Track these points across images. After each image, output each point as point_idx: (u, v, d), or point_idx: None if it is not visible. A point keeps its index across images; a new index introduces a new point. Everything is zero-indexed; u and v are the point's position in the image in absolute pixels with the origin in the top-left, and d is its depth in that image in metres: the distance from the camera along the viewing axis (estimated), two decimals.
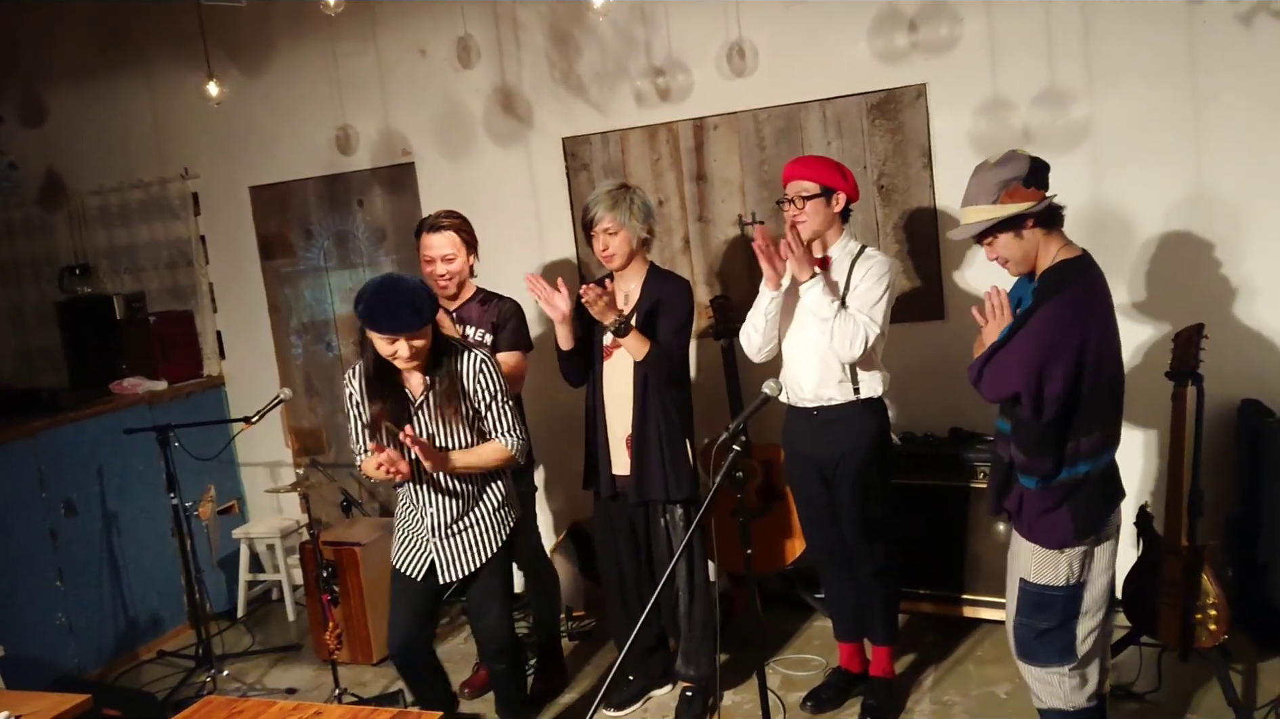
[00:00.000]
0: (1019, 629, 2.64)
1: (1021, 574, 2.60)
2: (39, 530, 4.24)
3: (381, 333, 2.81)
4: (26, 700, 2.62)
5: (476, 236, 3.67)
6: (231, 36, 4.84)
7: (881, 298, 3.13)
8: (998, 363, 2.50)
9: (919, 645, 3.84)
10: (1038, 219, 2.53)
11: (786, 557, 4.05)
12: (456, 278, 3.60)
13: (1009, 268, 2.62)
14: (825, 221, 3.20)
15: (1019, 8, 3.72)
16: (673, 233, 4.35)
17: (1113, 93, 3.67)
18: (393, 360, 2.87)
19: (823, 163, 3.22)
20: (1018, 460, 2.55)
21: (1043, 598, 2.58)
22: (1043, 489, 2.53)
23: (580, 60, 4.39)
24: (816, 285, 3.10)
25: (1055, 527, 2.53)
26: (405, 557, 3.10)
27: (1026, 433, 2.51)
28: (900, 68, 3.92)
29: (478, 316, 3.64)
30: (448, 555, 3.05)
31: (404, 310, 2.80)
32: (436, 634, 4.45)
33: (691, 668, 3.50)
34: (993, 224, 2.53)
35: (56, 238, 5.47)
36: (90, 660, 4.39)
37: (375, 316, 2.81)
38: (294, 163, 4.94)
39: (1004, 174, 2.55)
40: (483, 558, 3.06)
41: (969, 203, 2.60)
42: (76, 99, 5.29)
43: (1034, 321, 2.46)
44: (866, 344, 3.09)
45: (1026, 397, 2.45)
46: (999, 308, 2.60)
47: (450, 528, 3.03)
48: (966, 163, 3.81)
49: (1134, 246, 3.69)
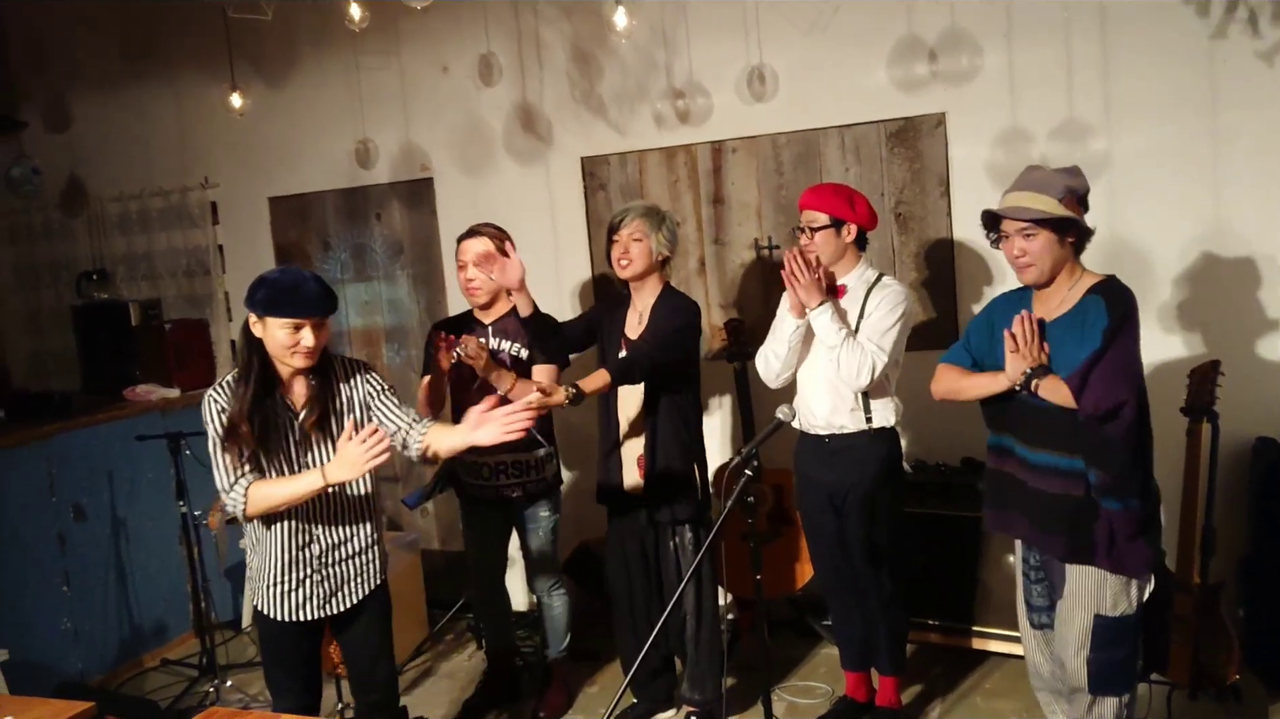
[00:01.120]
0: (1096, 665, 2.62)
1: (1096, 610, 2.58)
2: (47, 534, 4.24)
3: (291, 316, 2.60)
4: (30, 706, 2.61)
5: (513, 247, 3.58)
6: (256, 48, 4.89)
7: (893, 327, 3.12)
8: (1102, 375, 2.46)
9: (926, 676, 3.81)
10: (1082, 236, 2.58)
11: (795, 582, 4.04)
12: (485, 286, 3.54)
13: (1028, 272, 2.61)
14: (836, 252, 3.19)
15: (1039, 40, 3.74)
16: (688, 254, 4.36)
17: (1131, 127, 3.68)
18: (292, 354, 2.64)
19: (835, 193, 3.21)
20: (1103, 483, 2.52)
21: (1121, 629, 2.59)
22: (1127, 510, 2.52)
23: (601, 81, 4.41)
24: (825, 313, 3.09)
25: (1140, 553, 2.54)
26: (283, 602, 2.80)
27: (1114, 451, 2.50)
28: (920, 96, 3.93)
29: (514, 331, 3.58)
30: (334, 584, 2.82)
31: (313, 288, 2.64)
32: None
33: (697, 692, 3.48)
34: (1050, 218, 2.53)
35: (76, 242, 5.51)
36: (94, 666, 4.38)
37: (283, 299, 2.61)
38: (313, 175, 4.98)
39: (1071, 181, 2.58)
40: (369, 587, 2.88)
41: (1028, 188, 2.59)
42: (101, 106, 5.34)
43: (1129, 331, 2.48)
44: (874, 373, 3.08)
45: (1130, 409, 2.45)
46: (1031, 334, 2.58)
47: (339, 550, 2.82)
48: (984, 192, 3.87)
49: (1150, 281, 3.68)
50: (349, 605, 2.85)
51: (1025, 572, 2.83)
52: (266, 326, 2.64)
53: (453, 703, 3.98)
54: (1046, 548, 2.69)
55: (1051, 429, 2.59)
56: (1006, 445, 2.74)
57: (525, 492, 3.62)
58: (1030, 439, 2.66)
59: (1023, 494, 2.69)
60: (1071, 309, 2.59)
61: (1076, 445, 2.56)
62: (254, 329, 2.67)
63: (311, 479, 2.63)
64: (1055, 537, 2.64)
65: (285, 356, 2.66)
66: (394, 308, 4.98)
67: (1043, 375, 2.56)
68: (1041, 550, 2.72)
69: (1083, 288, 2.60)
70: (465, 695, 3.95)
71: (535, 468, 3.60)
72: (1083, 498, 2.54)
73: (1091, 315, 2.54)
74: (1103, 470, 2.52)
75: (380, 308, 5.01)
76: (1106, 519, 2.53)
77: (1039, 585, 2.79)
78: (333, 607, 2.83)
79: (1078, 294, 2.60)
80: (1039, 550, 2.73)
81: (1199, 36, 3.55)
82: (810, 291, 3.09)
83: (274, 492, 2.64)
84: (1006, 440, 2.74)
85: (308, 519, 2.77)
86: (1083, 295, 2.58)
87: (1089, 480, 2.54)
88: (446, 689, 4.13)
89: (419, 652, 4.46)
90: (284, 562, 2.77)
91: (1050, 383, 2.54)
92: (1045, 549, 2.70)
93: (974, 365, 2.81)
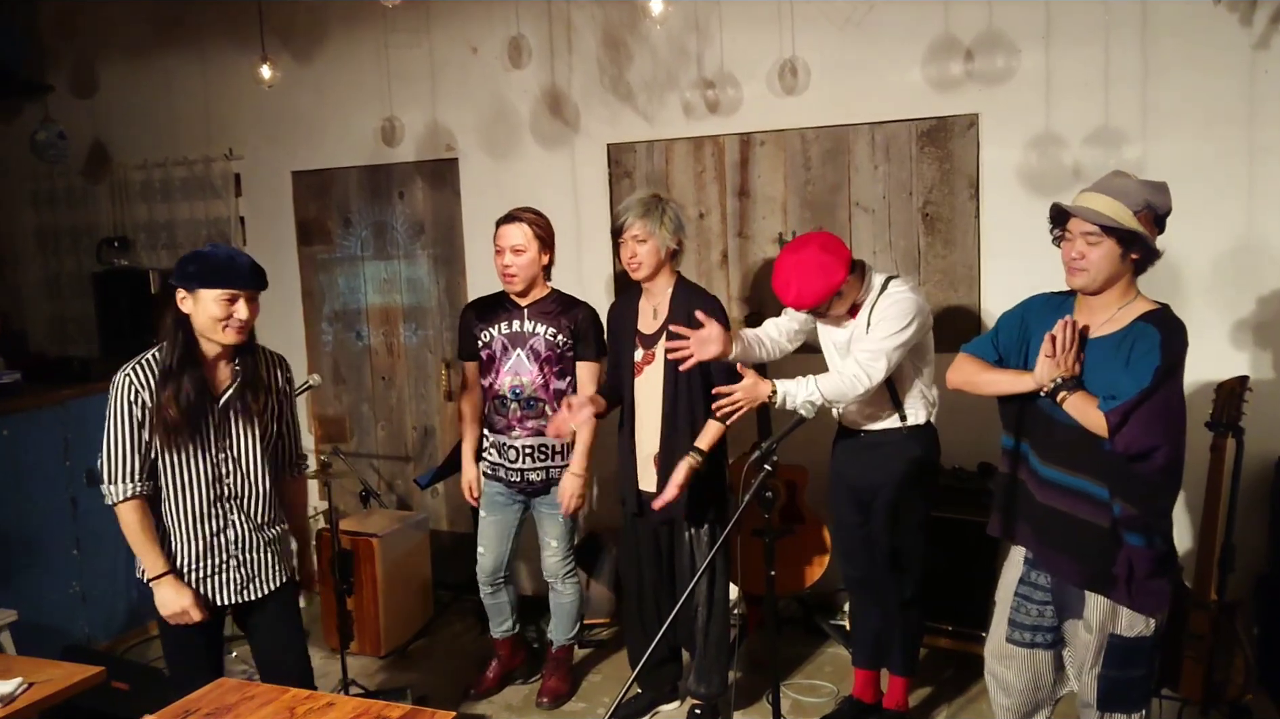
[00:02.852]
0: (1106, 683, 2.54)
1: (1111, 630, 2.50)
2: (60, 498, 4.25)
3: (227, 287, 2.59)
4: (40, 668, 2.62)
5: (553, 234, 3.58)
6: (286, 22, 4.87)
7: (893, 333, 2.99)
8: (1144, 417, 2.33)
9: (936, 680, 3.79)
10: (1146, 257, 2.44)
11: (804, 580, 4.01)
12: (524, 272, 3.50)
13: (1079, 275, 2.46)
14: (846, 301, 3.09)
15: (1077, 44, 3.69)
16: (711, 247, 4.33)
17: (1167, 137, 3.63)
18: (224, 329, 2.62)
19: (821, 280, 2.99)
20: (1127, 515, 2.43)
21: (1136, 649, 2.51)
22: (1150, 547, 2.44)
23: (631, 67, 4.38)
24: (785, 394, 2.94)
25: (1159, 591, 2.46)
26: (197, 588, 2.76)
27: (1143, 489, 2.41)
28: (953, 96, 3.89)
29: (551, 316, 3.57)
30: (249, 572, 2.81)
31: (247, 261, 2.66)
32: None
33: (703, 686, 3.46)
34: (1119, 227, 2.40)
35: (98, 209, 5.50)
36: (100, 631, 4.40)
37: (219, 271, 2.60)
38: (338, 150, 4.96)
39: (1153, 197, 2.47)
40: (283, 578, 2.87)
41: (1105, 192, 2.45)
42: (129, 73, 5.33)
43: (1179, 373, 2.37)
44: (868, 381, 2.96)
45: (1163, 454, 2.35)
46: (1071, 342, 2.46)
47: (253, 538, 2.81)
48: (1014, 195, 3.84)
49: (1179, 293, 3.64)
50: (261, 595, 2.84)
51: (1025, 593, 2.69)
52: (198, 300, 2.62)
53: (457, 684, 3.98)
54: (1055, 568, 2.59)
55: (1065, 445, 2.50)
56: (1021, 451, 2.65)
57: (548, 476, 3.62)
58: (1042, 452, 2.57)
59: (1031, 506, 2.61)
60: (1119, 331, 2.45)
61: (1092, 469, 2.46)
62: (182, 305, 2.65)
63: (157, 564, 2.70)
64: (1063, 557, 2.55)
65: (216, 332, 2.64)
66: (413, 287, 4.97)
67: (1073, 389, 2.44)
68: (1049, 569, 2.62)
69: (1135, 311, 2.45)
70: (470, 676, 3.95)
71: (560, 453, 3.60)
72: (1107, 529, 2.45)
73: (1140, 345, 2.39)
74: (1129, 504, 2.43)
75: (399, 287, 5.00)
76: (1127, 555, 2.44)
77: (1039, 607, 2.67)
78: (247, 594, 2.82)
79: (1128, 316, 2.45)
80: (1049, 571, 2.63)
81: (1241, 47, 3.50)
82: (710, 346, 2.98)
83: (132, 531, 2.71)
84: (1022, 446, 2.65)
85: (222, 504, 2.76)
86: (1133, 320, 2.44)
87: (1114, 513, 2.45)
88: (451, 669, 4.13)
89: (425, 631, 4.46)
90: (199, 548, 2.76)
91: (1079, 399, 2.42)
92: (1053, 568, 2.60)
93: (998, 362, 2.69)
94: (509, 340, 3.57)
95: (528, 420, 3.57)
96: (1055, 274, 2.98)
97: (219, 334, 2.64)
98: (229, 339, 2.65)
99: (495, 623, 3.92)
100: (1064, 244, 2.51)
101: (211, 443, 2.72)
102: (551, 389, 3.57)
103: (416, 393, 5.02)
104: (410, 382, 5.02)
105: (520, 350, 3.56)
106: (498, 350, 3.59)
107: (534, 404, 3.56)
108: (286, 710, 2.33)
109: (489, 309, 3.64)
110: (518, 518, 3.75)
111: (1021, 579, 2.69)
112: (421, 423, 5.01)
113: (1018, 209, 3.83)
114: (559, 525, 3.69)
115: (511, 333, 3.57)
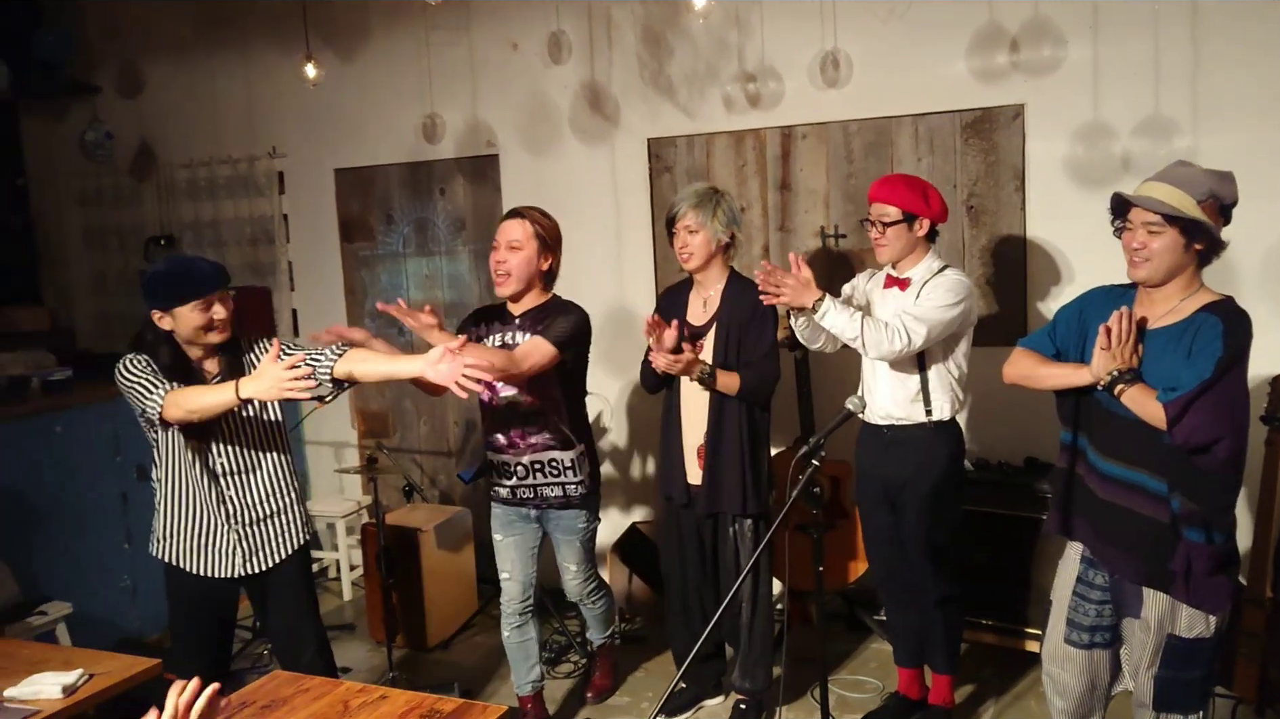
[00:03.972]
0: (1162, 683, 2.51)
1: (1170, 630, 2.46)
2: (112, 493, 4.33)
3: (198, 296, 2.70)
4: (99, 660, 2.67)
5: (559, 239, 3.33)
6: (328, 21, 4.91)
7: (943, 305, 3.03)
8: (1205, 407, 2.27)
9: (979, 677, 3.76)
10: (1211, 248, 2.39)
11: (848, 575, 4.00)
12: (518, 271, 3.23)
13: (1141, 268, 2.41)
14: (906, 247, 3.14)
15: (1127, 32, 3.63)
16: (753, 240, 4.32)
17: (1218, 125, 3.56)
18: (207, 333, 2.74)
19: (908, 186, 3.13)
20: (1187, 512, 2.39)
21: (1194, 650, 2.46)
22: (1210, 544, 2.39)
23: (671, 61, 4.37)
24: (828, 311, 2.98)
25: (1220, 588, 2.42)
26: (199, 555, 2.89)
27: (1204, 483, 2.37)
28: (998, 87, 3.85)
29: (532, 324, 3.27)
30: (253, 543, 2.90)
31: (204, 266, 2.77)
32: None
33: (748, 681, 3.46)
34: (1182, 216, 2.34)
35: (144, 208, 5.58)
36: (151, 624, 4.47)
37: (184, 284, 2.70)
38: (380, 148, 5.00)
39: (1218, 187, 2.42)
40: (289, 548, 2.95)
41: (1169, 181, 2.40)
42: (173, 73, 5.40)
43: (1243, 364, 2.32)
44: (907, 342, 2.97)
45: (1225, 447, 2.31)
46: (1127, 334, 2.41)
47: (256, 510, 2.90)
48: (1061, 187, 3.78)
49: (1233, 284, 3.56)
50: (268, 566, 2.92)
51: (1082, 592, 2.65)
52: (178, 317, 2.73)
53: (503, 677, 4.00)
54: (1114, 566, 2.55)
55: (1124, 440, 2.46)
56: (1079, 446, 2.61)
57: (566, 493, 3.37)
58: (1100, 445, 2.54)
59: (1088, 501, 2.58)
60: (1180, 322, 2.41)
61: (1152, 463, 2.42)
62: (161, 324, 2.75)
63: (225, 392, 2.66)
64: (1123, 555, 2.51)
65: (201, 338, 2.76)
66: (454, 283, 5.00)
67: (1130, 381, 2.39)
68: (1107, 567, 2.58)
69: (1197, 302, 2.40)
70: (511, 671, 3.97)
71: (571, 468, 3.34)
72: (1167, 524, 2.41)
73: (1203, 336, 2.34)
74: (1189, 499, 2.39)
75: (440, 282, 5.03)
76: (1186, 551, 2.40)
77: (1096, 606, 2.63)
78: (252, 566, 2.90)
79: (1190, 307, 2.40)
80: (1106, 569, 2.59)
81: None
82: (800, 293, 2.99)
83: (189, 396, 2.68)
84: (1080, 440, 2.61)
85: (223, 475, 2.85)
86: (1195, 310, 2.39)
87: (1173, 508, 2.40)
88: (496, 664, 4.15)
89: (469, 625, 4.49)
90: (201, 519, 2.87)
91: (1137, 392, 2.38)
92: (1112, 566, 2.56)
93: (1056, 356, 2.65)
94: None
95: (530, 436, 3.32)
96: (1103, 267, 2.95)
97: (205, 338, 2.77)
98: (215, 340, 2.79)
99: (521, 671, 3.55)
100: (1125, 234, 2.45)
101: (208, 427, 2.80)
102: (546, 415, 3.29)
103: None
104: None
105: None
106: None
107: (533, 418, 3.31)
108: (340, 703, 2.35)
109: (487, 318, 3.41)
110: (536, 538, 3.48)
111: (1078, 578, 2.65)
112: (463, 418, 5.04)
113: (1064, 201, 3.78)
114: (576, 549, 3.49)
115: (504, 345, 3.28)
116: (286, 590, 2.97)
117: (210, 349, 2.82)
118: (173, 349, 2.78)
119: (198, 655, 2.89)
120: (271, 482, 2.94)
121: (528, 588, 3.50)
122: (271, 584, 2.96)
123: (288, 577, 2.97)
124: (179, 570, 2.92)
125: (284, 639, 3.02)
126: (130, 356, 2.79)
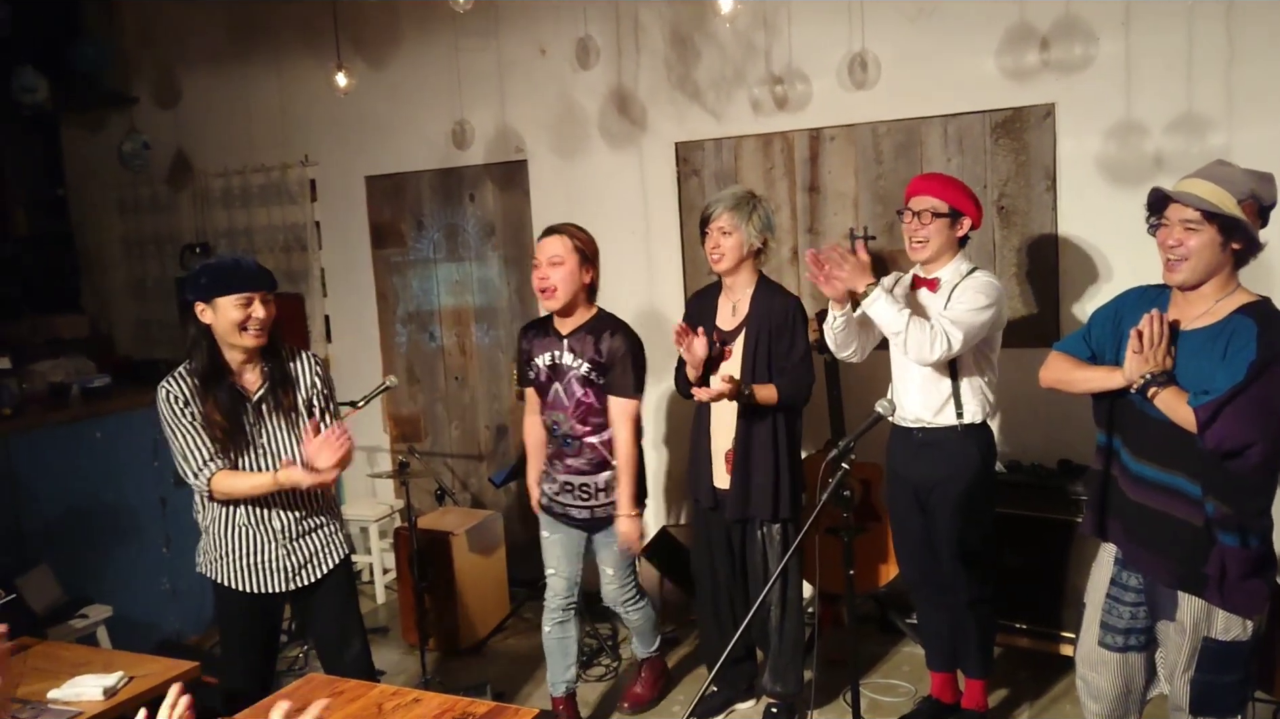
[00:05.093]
0: (1198, 687, 2.47)
1: (1206, 634, 2.43)
2: (151, 497, 4.41)
3: (241, 291, 2.72)
4: (139, 663, 2.72)
5: (597, 252, 3.38)
6: (359, 30, 4.96)
7: (976, 308, 3.02)
8: (1237, 411, 2.23)
9: (1013, 681, 3.73)
10: (1249, 248, 2.35)
11: (879, 579, 3.98)
12: (563, 286, 3.27)
13: (1177, 268, 2.37)
14: (945, 244, 3.13)
15: (1159, 28, 3.59)
16: (781, 243, 4.31)
17: (1254, 121, 3.52)
18: (243, 333, 2.74)
19: (956, 184, 3.16)
20: (1221, 515, 2.36)
21: (1231, 653, 2.43)
22: (1245, 548, 2.36)
23: (698, 65, 4.38)
24: (879, 298, 2.98)
25: (1256, 592, 2.38)
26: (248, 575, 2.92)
27: (1237, 486, 2.34)
28: (1028, 86, 3.82)
29: (586, 345, 3.33)
30: (300, 558, 2.94)
31: (252, 263, 2.80)
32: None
33: (779, 684, 3.45)
34: (1221, 214, 2.30)
35: (180, 216, 5.68)
36: (190, 627, 4.54)
37: (229, 277, 2.74)
38: (410, 154, 5.04)
39: (1259, 187, 2.36)
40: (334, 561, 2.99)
41: (1208, 179, 2.36)
42: (209, 84, 5.48)
43: (1277, 369, 2.26)
44: (948, 346, 2.96)
45: (1258, 451, 2.26)
46: (1159, 336, 2.38)
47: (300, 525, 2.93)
48: (1092, 187, 3.75)
49: (1269, 284, 3.52)
50: (315, 579, 2.95)
51: (1116, 594, 2.63)
52: (217, 309, 2.75)
53: (535, 681, 4.02)
54: (1146, 568, 2.53)
55: (1158, 442, 2.44)
56: (1114, 448, 2.59)
57: (593, 515, 3.42)
58: (1135, 448, 2.52)
59: (1122, 503, 2.56)
60: (1215, 324, 2.37)
61: (1185, 466, 2.39)
62: (203, 317, 2.78)
63: (264, 479, 2.80)
64: (1156, 557, 2.49)
65: (236, 337, 2.76)
66: (484, 288, 5.03)
67: (1163, 384, 2.36)
68: (1140, 569, 2.56)
69: (1233, 303, 2.37)
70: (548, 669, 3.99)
71: (604, 490, 3.39)
72: (1200, 527, 2.38)
73: (1238, 338, 2.30)
74: (1222, 503, 2.36)
75: (471, 288, 5.07)
76: (1220, 555, 2.37)
77: (1130, 609, 2.61)
78: (300, 580, 2.93)
79: (1226, 309, 2.37)
80: (1140, 571, 2.57)
81: None
82: (859, 275, 3.00)
83: (237, 483, 2.80)
84: (1114, 442, 2.60)
85: (266, 498, 2.87)
86: (1231, 312, 2.36)
87: (1207, 511, 2.37)
88: (528, 666, 4.17)
89: (500, 628, 4.52)
90: (246, 536, 2.89)
91: (1170, 395, 2.35)
92: (1144, 569, 2.54)
93: (1091, 359, 2.63)
94: (550, 373, 3.38)
95: (567, 458, 3.40)
96: (1135, 267, 2.91)
97: (240, 338, 2.77)
98: (249, 342, 2.78)
99: (558, 669, 3.58)
100: (1160, 231, 2.42)
101: (252, 442, 2.85)
102: (584, 440, 3.37)
103: (489, 392, 5.08)
104: (483, 381, 5.09)
105: (558, 384, 3.37)
106: (544, 380, 3.41)
107: (571, 443, 3.38)
108: (374, 706, 2.38)
109: (538, 335, 3.45)
110: (582, 538, 3.53)
111: (1112, 580, 2.63)
112: (494, 422, 5.08)
113: (1096, 201, 3.75)
114: (614, 554, 3.49)
115: (552, 364, 3.37)
116: (332, 597, 3.02)
117: (249, 355, 2.84)
118: (210, 349, 2.79)
119: (247, 667, 2.95)
120: (315, 496, 2.96)
121: (572, 585, 3.54)
122: (318, 593, 3.00)
123: (332, 585, 3.01)
124: (228, 589, 2.94)
125: (330, 643, 3.08)
126: (168, 387, 2.81)
